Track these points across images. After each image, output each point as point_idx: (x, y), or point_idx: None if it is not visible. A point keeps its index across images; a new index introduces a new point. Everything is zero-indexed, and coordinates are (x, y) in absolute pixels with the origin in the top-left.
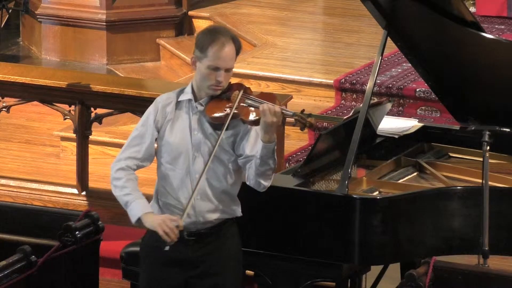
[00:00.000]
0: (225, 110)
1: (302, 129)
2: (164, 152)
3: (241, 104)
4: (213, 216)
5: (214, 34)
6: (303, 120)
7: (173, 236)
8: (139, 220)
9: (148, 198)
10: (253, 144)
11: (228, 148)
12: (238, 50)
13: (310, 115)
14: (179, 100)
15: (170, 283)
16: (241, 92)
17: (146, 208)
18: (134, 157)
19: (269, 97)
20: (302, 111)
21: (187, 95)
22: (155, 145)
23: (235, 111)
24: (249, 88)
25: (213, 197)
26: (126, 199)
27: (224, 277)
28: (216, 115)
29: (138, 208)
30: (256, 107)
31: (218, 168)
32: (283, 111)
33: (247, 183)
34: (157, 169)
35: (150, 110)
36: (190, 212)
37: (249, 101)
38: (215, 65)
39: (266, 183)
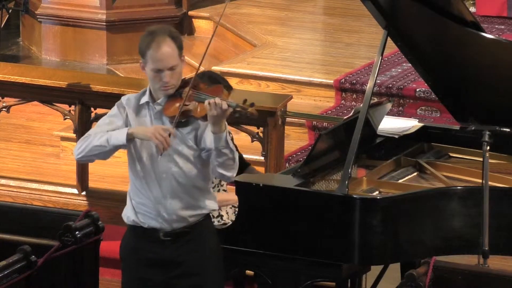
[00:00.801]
0: (179, 108)
1: (244, 119)
2: (132, 154)
3: (192, 101)
4: (187, 213)
5: (150, 36)
6: (243, 111)
7: (167, 144)
8: (129, 137)
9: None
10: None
11: (191, 143)
12: (179, 45)
13: (252, 104)
14: (140, 103)
15: (151, 284)
16: (191, 89)
17: (128, 128)
18: (95, 133)
19: (216, 90)
20: (244, 101)
21: (145, 97)
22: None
23: (186, 108)
24: (199, 82)
25: (183, 194)
26: (105, 137)
27: (205, 276)
28: (172, 114)
29: (122, 130)
30: (203, 103)
31: (184, 164)
32: (228, 103)
33: (212, 175)
34: (128, 171)
35: (115, 107)
36: (161, 211)
37: (198, 97)
38: (156, 67)
39: (229, 174)
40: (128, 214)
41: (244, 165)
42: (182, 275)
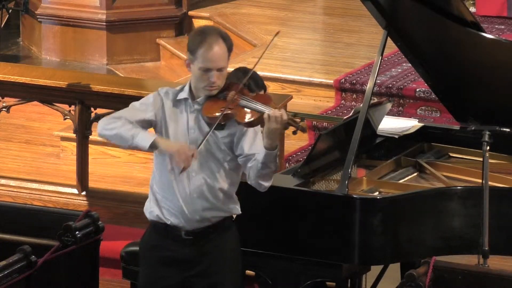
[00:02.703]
0: (221, 110)
1: (294, 133)
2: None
3: (237, 105)
4: (209, 214)
5: (202, 35)
6: (295, 124)
7: (187, 164)
8: (153, 145)
9: (145, 197)
10: (251, 143)
11: (224, 147)
12: (229, 47)
13: (302, 119)
14: (177, 98)
15: (169, 282)
16: (237, 93)
17: (156, 135)
18: (127, 119)
19: (264, 98)
20: (295, 114)
21: (184, 93)
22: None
23: (229, 112)
24: (246, 88)
25: (208, 195)
26: (131, 132)
27: (223, 277)
28: (211, 115)
29: (149, 134)
30: (252, 109)
31: (213, 166)
32: (290, 121)
33: (248, 182)
34: (154, 165)
35: (151, 97)
36: (184, 209)
37: (245, 103)
38: (206, 66)
39: (267, 184)
40: (151, 209)
41: None
42: (200, 274)
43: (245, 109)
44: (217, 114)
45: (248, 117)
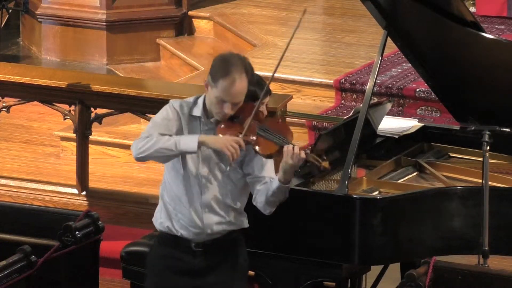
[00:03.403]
0: (237, 136)
1: (314, 172)
2: (175, 160)
3: (255, 133)
4: (220, 228)
5: (228, 66)
6: (317, 162)
7: (237, 156)
8: (200, 145)
9: (151, 198)
10: (263, 165)
11: (234, 164)
12: (251, 80)
13: (324, 158)
14: (192, 114)
15: None
16: (253, 120)
17: (198, 135)
18: (156, 132)
19: (282, 129)
20: (319, 154)
21: (198, 110)
22: None
23: (247, 139)
24: (261, 112)
25: (219, 210)
26: (172, 141)
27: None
28: None
29: (191, 136)
30: (270, 141)
31: (226, 185)
32: (308, 157)
33: (253, 203)
34: (166, 176)
35: (169, 112)
36: (198, 223)
37: (263, 133)
38: (224, 98)
39: (272, 209)
40: (161, 220)
41: None
42: (210, 284)
43: (265, 140)
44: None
45: (267, 150)
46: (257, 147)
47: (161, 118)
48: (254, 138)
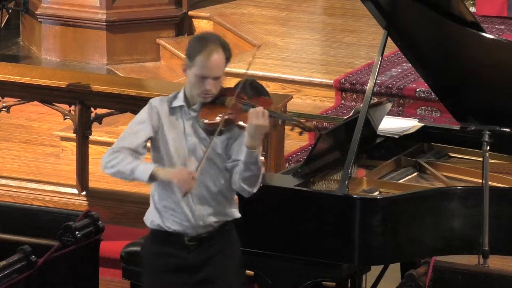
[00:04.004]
0: (219, 116)
1: (301, 133)
2: (161, 157)
3: (237, 109)
4: (213, 219)
5: (202, 41)
6: (301, 125)
7: (188, 187)
8: (151, 177)
9: (145, 197)
10: (240, 148)
11: (221, 152)
12: (228, 57)
13: (304, 118)
14: (172, 106)
15: None
16: (235, 98)
17: (156, 165)
18: (128, 148)
19: (265, 102)
20: (299, 115)
21: (179, 101)
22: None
23: (230, 117)
24: (243, 93)
25: (210, 200)
26: (131, 166)
27: (227, 281)
28: (210, 121)
29: (148, 166)
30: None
31: (212, 171)
32: (274, 115)
33: (233, 187)
34: None
35: (146, 112)
36: (189, 216)
37: (245, 106)
38: (202, 74)
39: (250, 189)
40: (152, 218)
41: None
42: (204, 280)
43: (246, 113)
44: (215, 120)
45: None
46: (240, 122)
47: (136, 123)
48: (238, 114)
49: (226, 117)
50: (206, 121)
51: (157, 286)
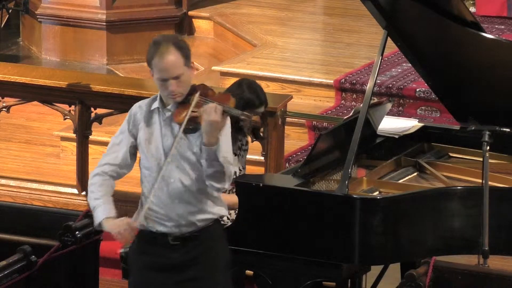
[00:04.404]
0: (185, 115)
1: (248, 130)
2: (142, 159)
3: (200, 107)
4: (195, 218)
5: (154, 45)
6: (247, 119)
7: (126, 237)
8: (100, 225)
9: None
10: None
11: (196, 150)
12: (185, 54)
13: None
14: (151, 109)
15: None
16: (197, 95)
17: (111, 213)
18: (111, 163)
19: (223, 98)
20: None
21: (156, 103)
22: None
23: (194, 115)
24: (211, 89)
25: (190, 198)
26: (94, 204)
27: (214, 280)
28: (180, 120)
29: (102, 213)
30: None
31: (189, 170)
32: (227, 109)
33: (207, 184)
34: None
35: (125, 120)
36: (171, 216)
37: (206, 104)
38: (161, 76)
39: (219, 185)
40: (138, 219)
41: None
42: (190, 279)
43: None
44: (183, 117)
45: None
46: (201, 120)
47: (118, 133)
48: (200, 112)
49: (189, 115)
50: (177, 120)
51: (142, 285)
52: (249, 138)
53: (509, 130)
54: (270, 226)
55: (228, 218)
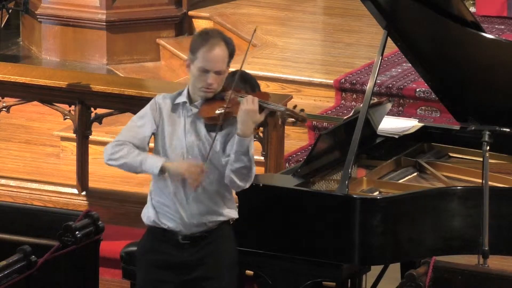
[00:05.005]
0: (219, 110)
1: (294, 123)
2: (160, 152)
3: (235, 103)
4: (207, 219)
5: (205, 36)
6: (295, 115)
7: (199, 181)
8: (162, 170)
9: (145, 197)
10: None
11: (219, 149)
12: (231, 52)
13: (302, 110)
14: (175, 102)
15: (166, 286)
16: (233, 92)
17: (163, 159)
18: (131, 142)
19: (262, 95)
20: (294, 106)
21: (182, 97)
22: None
23: (228, 110)
24: (243, 89)
25: (205, 199)
26: (139, 158)
27: (221, 281)
28: (210, 115)
29: (157, 159)
30: None
31: (210, 170)
32: (263, 103)
33: (225, 181)
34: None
35: (148, 106)
36: (182, 214)
37: (242, 99)
38: (205, 67)
39: (241, 183)
40: (148, 214)
41: None
42: (198, 279)
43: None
44: (214, 114)
45: None
46: (236, 114)
47: (139, 116)
48: (236, 107)
49: (224, 110)
50: (205, 116)
51: (149, 282)
52: None
53: (509, 130)
54: (270, 226)
55: None
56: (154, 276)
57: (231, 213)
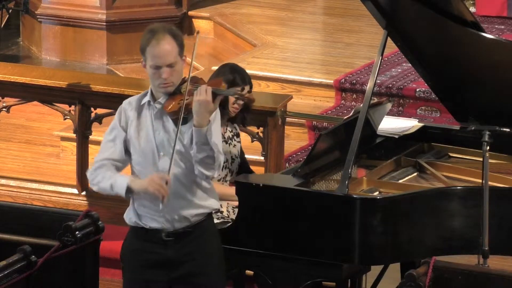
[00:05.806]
0: (179, 103)
1: (245, 106)
2: (133, 155)
3: (192, 95)
4: (189, 213)
5: (149, 33)
6: (242, 97)
7: (164, 191)
8: (128, 190)
9: None
10: None
11: (187, 141)
12: (180, 43)
13: (249, 91)
14: (141, 104)
15: (153, 285)
16: (188, 83)
17: (131, 177)
18: (109, 158)
19: (214, 82)
20: (242, 89)
21: (147, 97)
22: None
23: (188, 101)
24: (201, 78)
25: (184, 192)
26: (110, 182)
27: (208, 276)
28: (172, 110)
29: (123, 180)
30: None
31: (183, 163)
32: (216, 90)
33: (195, 172)
34: (130, 172)
35: (116, 115)
36: (164, 212)
37: (196, 90)
38: (155, 63)
39: (209, 173)
40: (129, 216)
41: (248, 173)
42: (184, 276)
43: None
44: (176, 108)
45: None
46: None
47: (110, 130)
48: (192, 99)
49: (184, 102)
50: (169, 111)
51: (136, 282)
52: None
53: (509, 130)
54: (270, 226)
55: (221, 212)
56: (141, 276)
57: (213, 203)
